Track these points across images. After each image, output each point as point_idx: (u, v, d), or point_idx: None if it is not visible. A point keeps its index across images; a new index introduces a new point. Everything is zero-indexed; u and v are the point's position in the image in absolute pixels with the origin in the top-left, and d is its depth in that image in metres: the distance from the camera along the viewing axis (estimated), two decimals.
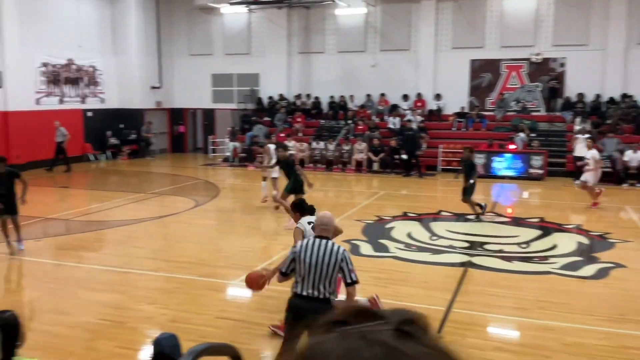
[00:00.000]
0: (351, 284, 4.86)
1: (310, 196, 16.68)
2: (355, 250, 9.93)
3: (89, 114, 23.02)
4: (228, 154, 22.96)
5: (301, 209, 6.89)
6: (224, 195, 16.21)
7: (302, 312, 4.83)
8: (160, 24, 25.12)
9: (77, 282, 8.27)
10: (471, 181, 12.23)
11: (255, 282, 6.00)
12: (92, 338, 6.35)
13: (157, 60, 25.20)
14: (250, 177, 19.78)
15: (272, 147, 13.70)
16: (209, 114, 26.30)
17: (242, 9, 23.86)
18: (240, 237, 11.29)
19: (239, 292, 8.07)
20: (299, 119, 23.08)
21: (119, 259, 9.52)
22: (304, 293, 4.89)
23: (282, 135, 22.22)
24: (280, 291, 6.58)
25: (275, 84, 24.47)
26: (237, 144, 22.60)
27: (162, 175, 20.49)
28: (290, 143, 21.26)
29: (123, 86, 24.32)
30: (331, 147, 20.83)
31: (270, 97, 24.46)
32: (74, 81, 22.41)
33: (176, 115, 26.64)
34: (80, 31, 22.42)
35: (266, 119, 23.67)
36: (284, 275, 5.08)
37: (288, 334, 4.98)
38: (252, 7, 23.43)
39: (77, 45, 22.32)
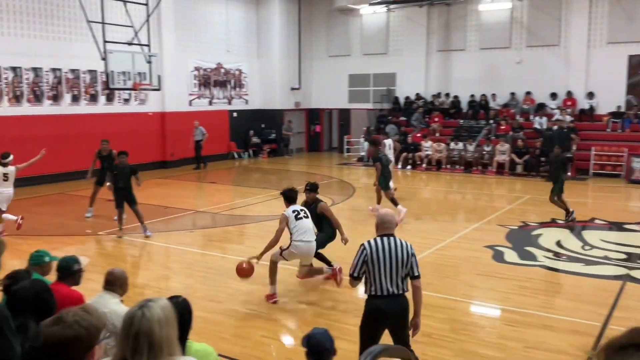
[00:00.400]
0: (418, 276, 4.91)
1: (447, 198, 16.31)
2: (498, 256, 9.47)
3: (234, 114, 24.37)
4: (363, 153, 23.09)
5: (290, 199, 7.67)
6: (359, 194, 16.28)
7: (385, 312, 4.81)
8: (301, 26, 25.91)
9: (226, 272, 8.72)
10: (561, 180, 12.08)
11: (244, 271, 7.25)
12: (240, 326, 6.65)
13: (297, 62, 26.03)
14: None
15: (387, 142, 13.70)
16: (344, 113, 26.67)
17: (381, 8, 23.87)
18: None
19: None
20: (436, 119, 22.59)
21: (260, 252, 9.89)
22: (385, 293, 4.82)
23: (418, 135, 21.90)
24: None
25: (412, 83, 24.19)
26: None
27: (299, 173, 21.09)
28: (427, 143, 20.88)
29: (265, 88, 25.47)
30: (471, 147, 20.13)
31: (407, 97, 24.21)
32: (222, 84, 23.87)
33: (313, 115, 27.35)
34: (229, 36, 23.84)
35: (402, 118, 23.47)
36: (356, 279, 4.94)
37: (367, 338, 4.86)
38: (392, 6, 23.34)
39: (225, 50, 23.75)
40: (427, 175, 20.04)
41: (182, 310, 3.09)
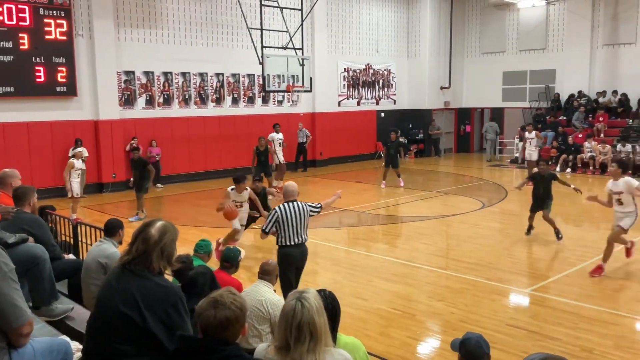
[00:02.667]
0: (319, 208, 6.77)
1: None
2: None
3: (382, 114, 24.47)
4: (517, 154, 21.93)
5: (236, 180, 9.43)
6: (512, 198, 15.47)
7: (293, 256, 6.48)
8: (453, 24, 25.28)
9: (371, 271, 8.79)
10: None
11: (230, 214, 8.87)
12: (385, 325, 6.66)
13: (447, 60, 25.44)
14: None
15: None
16: (497, 113, 25.53)
17: (541, 2, 22.50)
18: (529, 242, 10.61)
19: (529, 301, 7.57)
20: (601, 118, 20.74)
21: (408, 253, 9.84)
22: (291, 242, 6.48)
23: (579, 136, 20.29)
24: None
25: (574, 80, 22.46)
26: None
27: (447, 174, 20.60)
28: (590, 144, 19.29)
29: (413, 87, 25.24)
30: None
31: (572, 95, 22.49)
32: (370, 84, 24.09)
33: (463, 115, 26.55)
34: (378, 37, 24.00)
35: (562, 118, 21.89)
36: (266, 233, 6.57)
37: (284, 278, 6.32)
38: None
39: (375, 51, 23.95)
40: (589, 178, 18.49)
41: (332, 302, 3.17)
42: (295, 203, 6.54)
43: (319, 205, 6.77)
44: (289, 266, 6.46)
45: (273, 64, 16.48)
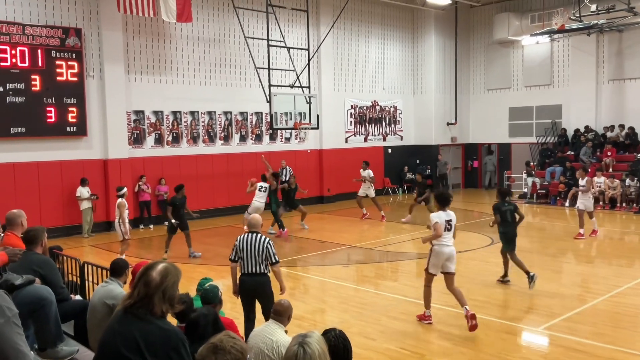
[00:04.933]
0: (276, 262, 6.74)
1: (623, 240, 14.75)
2: None
3: (389, 150, 24.57)
4: (525, 190, 21.87)
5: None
6: (521, 233, 15.29)
7: (247, 285, 6.78)
8: (458, 61, 25.59)
9: (379, 309, 8.69)
10: None
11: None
12: None
13: (453, 97, 25.67)
14: (550, 215, 18.45)
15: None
16: (504, 148, 25.57)
17: (545, 39, 22.76)
18: (542, 280, 10.46)
19: (541, 340, 7.44)
20: (609, 153, 20.72)
21: (416, 290, 9.71)
22: (247, 272, 6.74)
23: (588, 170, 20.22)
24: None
25: (581, 115, 22.54)
26: (537, 179, 21.37)
27: (455, 210, 20.46)
28: (600, 179, 19.21)
29: (420, 123, 25.42)
30: None
31: (577, 130, 22.54)
32: (377, 121, 24.28)
33: (470, 151, 26.61)
34: (384, 74, 24.30)
35: (570, 153, 21.88)
36: (233, 261, 6.90)
37: (244, 305, 6.91)
38: (556, 36, 22.15)
39: (381, 88, 24.22)
40: (599, 214, 18.35)
41: (343, 341, 3.14)
42: (255, 235, 6.79)
43: (277, 261, 6.79)
44: (242, 294, 6.89)
45: (280, 102, 16.69)
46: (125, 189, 12.45)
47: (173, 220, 12.41)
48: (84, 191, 15.32)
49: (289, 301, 5.04)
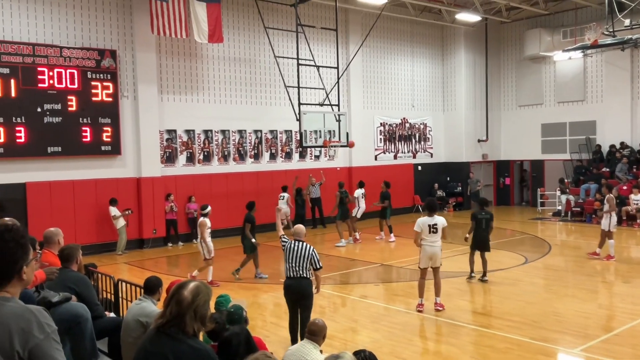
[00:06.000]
0: (318, 269, 7.52)
1: None
2: None
3: (419, 167, 24.42)
4: (559, 207, 21.44)
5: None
6: (556, 252, 15.05)
7: (289, 288, 7.52)
8: (489, 78, 25.41)
9: (411, 329, 8.58)
10: None
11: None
12: None
13: (484, 113, 25.44)
14: (585, 234, 18.03)
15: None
16: (537, 165, 25.16)
17: (577, 54, 22.45)
18: (577, 300, 10.21)
19: None
20: None
21: (450, 310, 9.57)
22: (291, 275, 7.46)
23: (624, 188, 19.76)
24: None
25: (615, 131, 22.09)
26: (571, 197, 20.93)
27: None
28: (637, 196, 18.74)
29: (450, 140, 25.24)
30: None
31: (612, 146, 22.07)
32: (407, 138, 24.20)
33: (502, 167, 26.27)
34: (414, 92, 24.26)
35: (605, 169, 21.41)
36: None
37: (288, 307, 7.69)
38: (590, 51, 21.83)
39: (410, 105, 24.17)
40: (636, 232, 17.86)
41: None
42: (300, 243, 7.53)
43: (320, 267, 7.60)
44: (286, 295, 7.62)
45: (310, 120, 16.80)
46: (209, 208, 12.06)
47: (254, 240, 12.05)
48: (115, 210, 15.58)
49: (323, 320, 5.03)
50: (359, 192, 17.58)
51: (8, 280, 2.32)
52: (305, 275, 7.44)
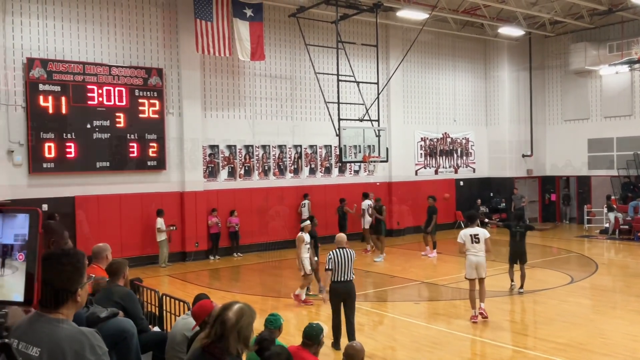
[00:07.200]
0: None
1: None
2: None
3: (461, 183, 24.13)
4: (606, 225, 20.81)
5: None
6: (603, 271, 14.60)
7: (340, 291, 8.36)
8: (533, 92, 24.99)
9: (452, 349, 8.45)
10: None
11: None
12: None
13: (528, 128, 25.00)
14: (633, 252, 17.45)
15: None
16: (583, 181, 24.51)
17: (624, 68, 21.87)
18: (625, 322, 9.88)
19: None
20: None
21: (492, 331, 9.40)
22: (341, 279, 8.33)
23: None
24: None
25: None
26: (619, 214, 20.30)
27: (532, 245, 19.70)
28: None
29: (493, 155, 24.87)
30: None
31: None
32: (448, 153, 23.97)
33: (547, 183, 25.69)
34: (455, 106, 24.06)
35: None
36: (328, 270, 8.34)
37: (334, 308, 8.48)
38: (637, 65, 21.25)
39: (452, 120, 23.96)
40: None
41: None
42: (344, 250, 8.42)
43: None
44: (335, 298, 8.39)
45: (349, 136, 16.86)
46: (307, 222, 11.62)
47: (316, 258, 11.88)
48: (161, 222, 15.93)
49: (361, 343, 5.01)
50: (365, 204, 18.13)
51: (64, 303, 2.44)
52: (352, 278, 8.42)
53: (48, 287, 2.34)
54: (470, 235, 9.93)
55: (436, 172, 23.54)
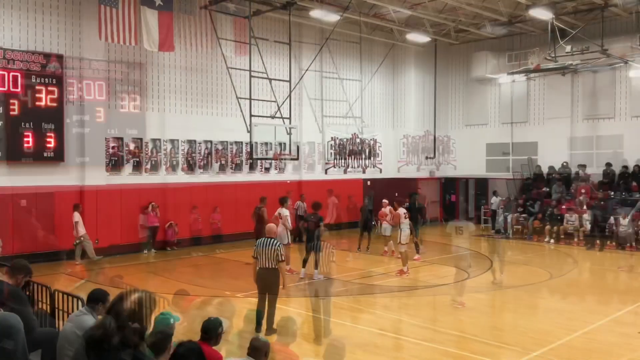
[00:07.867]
0: (282, 261, 8.99)
1: (597, 277, 14.93)
2: None
3: (368, 183, 24.66)
4: (503, 225, 22.09)
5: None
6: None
7: (261, 277, 9.00)
8: (437, 97, 26.07)
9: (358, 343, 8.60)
10: None
11: None
12: None
13: (432, 131, 26.06)
14: (524, 251, 18.63)
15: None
16: (481, 183, 25.90)
17: (521, 77, 23.37)
18: (518, 313, 10.54)
19: None
20: (583, 190, 21.10)
21: (392, 323, 9.67)
22: (263, 267, 8.94)
23: (563, 207, 20.58)
24: None
25: (556, 152, 23.02)
26: (510, 215, 21.61)
27: (432, 243, 20.59)
28: (572, 217, 19.55)
29: (399, 157, 25.71)
30: (624, 222, 18.41)
31: (551, 167, 22.98)
32: (357, 153, 24.40)
33: (448, 185, 26.92)
34: (365, 107, 24.52)
35: (545, 189, 22.26)
36: (254, 258, 9.09)
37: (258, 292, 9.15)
38: (533, 75, 22.76)
39: (361, 120, 24.41)
40: (573, 250, 18.59)
41: None
42: (269, 239, 9.03)
43: (283, 260, 9.08)
44: (257, 283, 9.06)
45: (260, 132, 16.78)
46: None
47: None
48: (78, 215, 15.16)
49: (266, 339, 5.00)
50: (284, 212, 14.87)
51: None
52: (274, 266, 8.86)
53: None
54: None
55: (345, 172, 23.95)
